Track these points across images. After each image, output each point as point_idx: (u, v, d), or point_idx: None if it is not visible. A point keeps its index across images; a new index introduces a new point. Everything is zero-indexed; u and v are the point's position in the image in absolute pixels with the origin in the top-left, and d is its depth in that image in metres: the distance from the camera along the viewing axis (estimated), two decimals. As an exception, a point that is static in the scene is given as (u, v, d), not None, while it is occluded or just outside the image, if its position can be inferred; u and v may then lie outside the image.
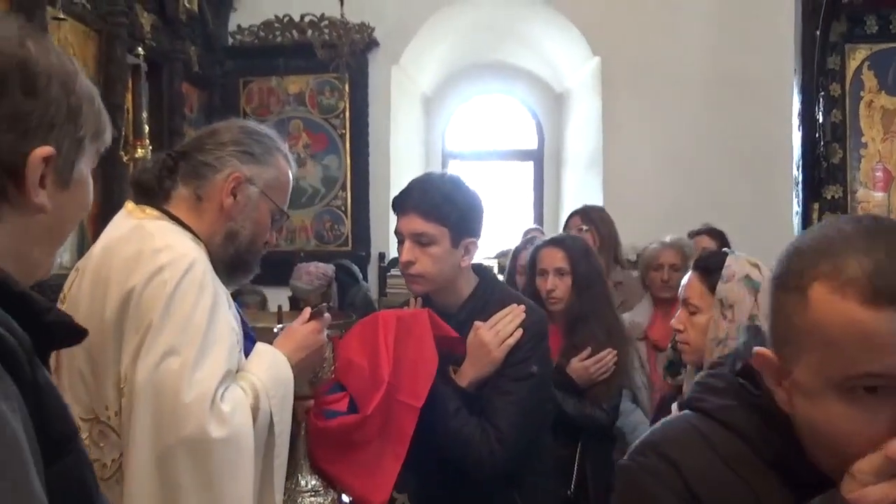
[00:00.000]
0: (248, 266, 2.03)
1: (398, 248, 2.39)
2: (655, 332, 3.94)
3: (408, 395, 2.20)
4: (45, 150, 1.05)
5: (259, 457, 1.85)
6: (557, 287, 3.12)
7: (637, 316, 4.04)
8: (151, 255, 1.78)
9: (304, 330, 2.06)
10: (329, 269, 5.53)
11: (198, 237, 1.92)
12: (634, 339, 3.86)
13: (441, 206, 2.29)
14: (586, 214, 4.53)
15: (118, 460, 1.72)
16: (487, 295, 2.44)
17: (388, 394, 2.20)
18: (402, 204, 2.36)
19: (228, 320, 1.85)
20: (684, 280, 2.37)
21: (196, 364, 1.71)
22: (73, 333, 1.06)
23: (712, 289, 2.22)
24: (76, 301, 1.81)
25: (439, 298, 2.44)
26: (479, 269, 2.52)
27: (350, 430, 2.20)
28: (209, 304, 1.78)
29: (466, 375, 2.33)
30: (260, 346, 1.98)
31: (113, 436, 1.73)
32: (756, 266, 2.23)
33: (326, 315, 2.11)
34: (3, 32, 1.06)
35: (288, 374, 1.95)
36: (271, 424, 1.87)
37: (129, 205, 1.97)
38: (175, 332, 1.72)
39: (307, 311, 2.10)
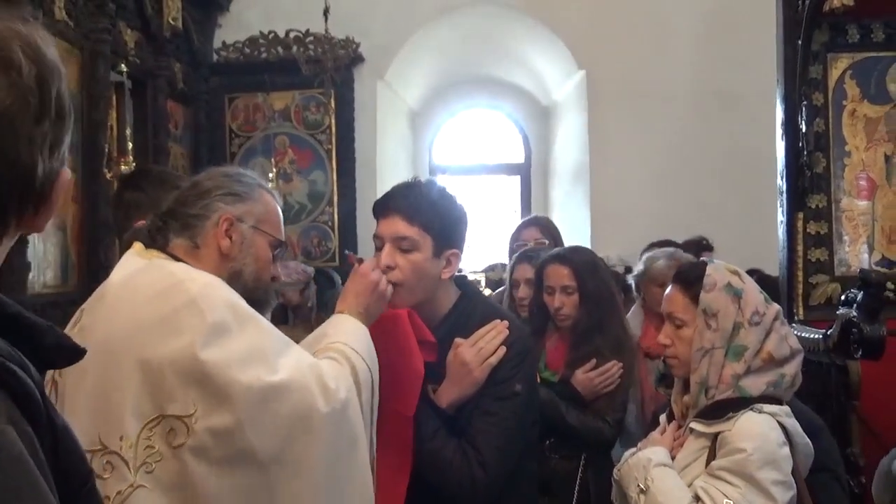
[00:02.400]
0: (261, 303, 2.01)
1: (375, 255, 2.23)
2: (647, 341, 3.91)
3: (399, 404, 2.15)
4: (68, 173, 1.04)
5: (367, 417, 1.91)
6: (565, 305, 3.08)
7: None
8: (176, 288, 1.77)
9: (352, 280, 2.14)
10: (309, 269, 5.62)
11: None
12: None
13: (426, 211, 2.16)
14: (545, 227, 4.44)
15: (124, 493, 1.66)
16: (469, 310, 2.30)
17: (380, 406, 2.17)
18: (384, 206, 2.22)
19: (272, 326, 1.88)
20: (666, 294, 2.35)
21: (276, 365, 1.74)
22: (70, 354, 1.01)
23: (694, 300, 2.21)
24: (92, 329, 1.80)
25: (418, 312, 2.26)
26: (461, 283, 2.38)
27: None
28: (255, 320, 1.80)
29: (446, 395, 2.22)
30: (327, 324, 2.06)
31: (122, 467, 1.68)
32: (736, 273, 2.22)
33: (368, 260, 2.20)
34: (42, 38, 1.00)
35: (359, 327, 2.02)
36: (372, 381, 1.94)
37: (138, 245, 1.97)
38: (242, 355, 1.72)
39: (355, 265, 2.20)
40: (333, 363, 1.86)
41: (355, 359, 1.91)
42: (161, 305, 1.76)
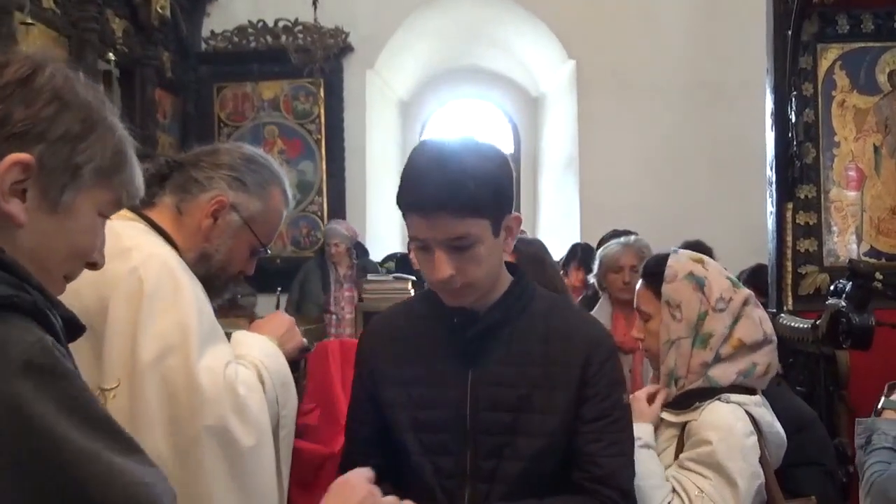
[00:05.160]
0: (216, 290, 1.98)
1: (417, 255, 1.73)
2: (618, 335, 3.89)
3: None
4: (21, 156, 1.02)
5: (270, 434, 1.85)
6: None
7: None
8: (122, 256, 1.73)
9: (271, 316, 2.06)
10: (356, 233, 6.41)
11: (173, 243, 1.91)
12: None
13: (476, 195, 1.59)
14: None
15: None
16: (528, 293, 1.80)
17: None
18: (419, 202, 1.63)
19: (210, 313, 1.84)
20: (636, 289, 2.34)
21: (200, 355, 1.70)
22: (75, 329, 1.07)
23: (658, 292, 2.20)
24: None
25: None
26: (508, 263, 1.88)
27: (317, 463, 2.17)
28: (191, 300, 1.76)
29: None
30: (238, 334, 1.96)
31: None
32: (699, 261, 2.21)
33: (280, 310, 2.15)
34: (41, 56, 1.09)
35: (277, 352, 1.94)
36: (276, 399, 1.86)
37: None
38: (168, 332, 1.70)
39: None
40: (245, 370, 1.81)
41: (265, 375, 1.85)
42: (101, 279, 1.68)
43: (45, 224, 1.07)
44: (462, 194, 1.58)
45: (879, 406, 2.27)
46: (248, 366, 1.82)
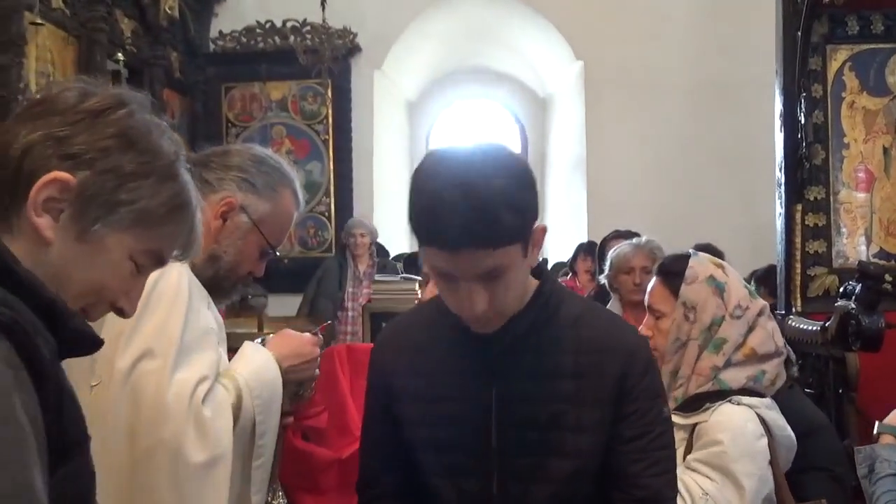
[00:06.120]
0: (224, 292, 1.96)
1: (438, 283, 1.53)
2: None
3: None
4: (62, 175, 1.06)
5: (239, 459, 1.80)
6: None
7: None
8: None
9: (301, 337, 1.99)
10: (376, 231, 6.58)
11: None
12: None
13: (513, 224, 1.41)
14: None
15: None
16: (556, 298, 1.61)
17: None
18: (445, 239, 1.41)
19: (207, 325, 1.81)
20: (649, 286, 2.34)
21: (175, 366, 1.68)
22: (90, 342, 1.09)
23: (675, 292, 2.19)
24: None
25: None
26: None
27: (323, 467, 2.15)
28: (185, 309, 1.74)
29: None
30: (247, 346, 1.91)
31: None
32: (720, 266, 2.21)
33: (319, 336, 2.04)
34: (127, 96, 1.17)
35: (276, 377, 1.88)
36: (254, 425, 1.82)
37: None
38: (151, 336, 1.68)
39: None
40: (221, 391, 1.76)
41: (246, 399, 1.80)
42: None
43: (70, 249, 1.09)
44: (498, 227, 1.39)
45: (875, 431, 2.24)
46: (229, 387, 1.78)
